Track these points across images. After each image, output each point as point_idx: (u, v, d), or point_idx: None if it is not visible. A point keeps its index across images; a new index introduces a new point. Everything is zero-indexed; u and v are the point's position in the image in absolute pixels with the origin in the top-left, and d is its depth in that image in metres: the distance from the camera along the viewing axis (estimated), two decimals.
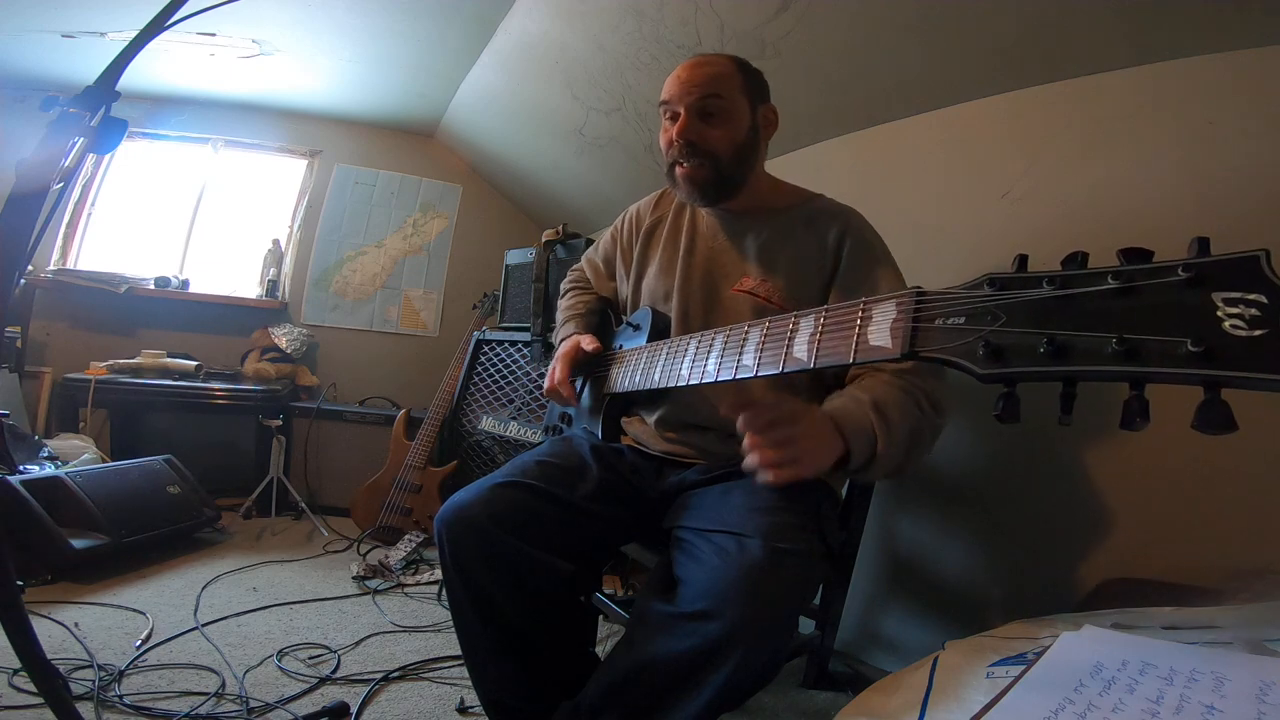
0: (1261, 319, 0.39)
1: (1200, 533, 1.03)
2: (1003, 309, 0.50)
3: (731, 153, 0.99)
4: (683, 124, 0.98)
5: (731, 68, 1.00)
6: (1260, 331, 0.39)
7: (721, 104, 0.98)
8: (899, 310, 0.58)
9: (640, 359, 1.00)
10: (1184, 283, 0.42)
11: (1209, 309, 0.41)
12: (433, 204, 3.31)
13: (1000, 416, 0.50)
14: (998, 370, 0.49)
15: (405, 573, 1.98)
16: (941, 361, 0.53)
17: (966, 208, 1.45)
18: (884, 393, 0.84)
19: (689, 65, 1.00)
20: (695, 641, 0.69)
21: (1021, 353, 0.48)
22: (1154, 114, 1.15)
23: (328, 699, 1.22)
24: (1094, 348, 0.45)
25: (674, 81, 1.00)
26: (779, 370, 0.70)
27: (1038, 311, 0.48)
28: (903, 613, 1.46)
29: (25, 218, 0.69)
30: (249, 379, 2.76)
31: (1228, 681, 0.48)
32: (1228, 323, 0.40)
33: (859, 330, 0.61)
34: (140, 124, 2.81)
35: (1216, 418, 0.41)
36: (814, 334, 0.67)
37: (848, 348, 0.62)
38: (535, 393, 2.24)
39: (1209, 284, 0.42)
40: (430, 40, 2.32)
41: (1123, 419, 0.44)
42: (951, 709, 0.54)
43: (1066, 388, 0.47)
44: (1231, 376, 0.40)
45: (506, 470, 0.99)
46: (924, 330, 0.55)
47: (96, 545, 1.72)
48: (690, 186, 1.01)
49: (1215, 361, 0.40)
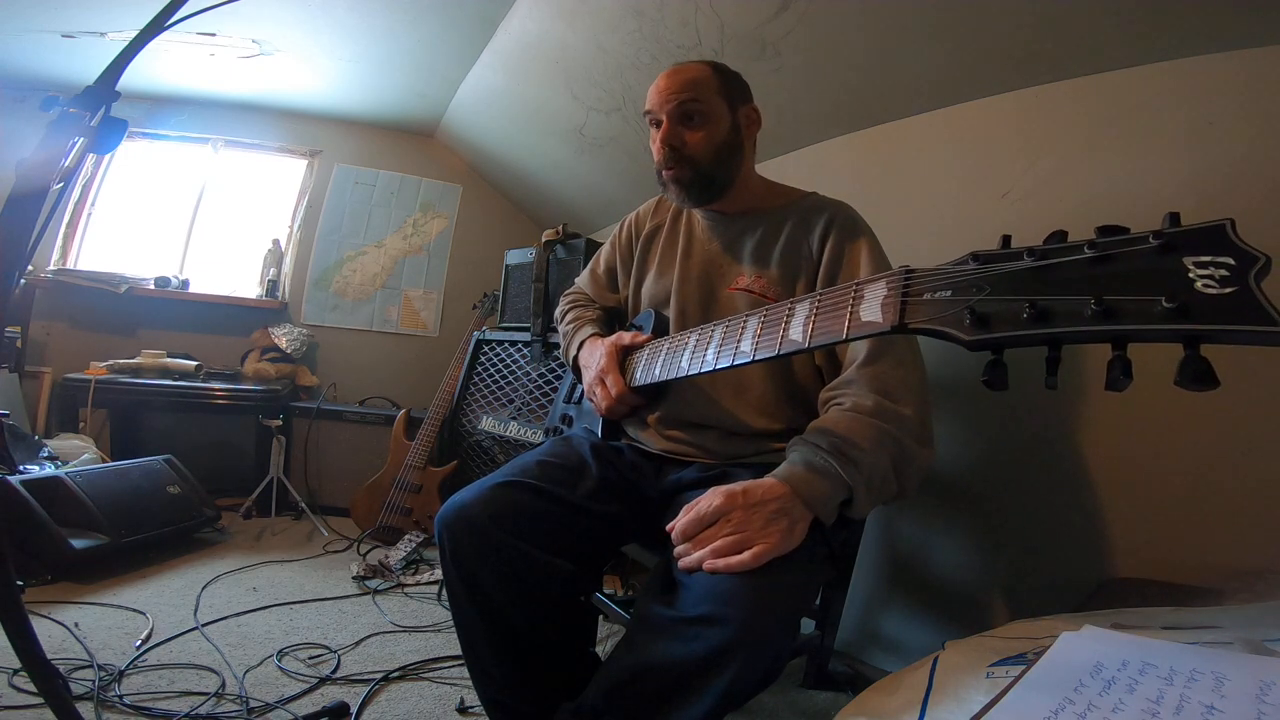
0: (1231, 278, 0.41)
1: (1200, 533, 1.03)
2: (987, 280, 0.52)
3: (712, 154, 1.01)
4: (665, 130, 1.00)
5: (707, 72, 1.03)
6: (1231, 289, 0.41)
7: (699, 107, 1.00)
8: (889, 288, 0.60)
9: (642, 356, 1.01)
10: (1156, 249, 0.45)
11: (1181, 271, 0.43)
12: (433, 204, 3.31)
13: (989, 383, 0.52)
14: (984, 337, 0.51)
15: (405, 573, 1.99)
16: (930, 332, 0.55)
17: (967, 207, 1.45)
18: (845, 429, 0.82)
19: (666, 75, 1.03)
20: (698, 646, 0.69)
21: (1006, 319, 0.50)
22: (1154, 114, 1.15)
23: (328, 699, 1.22)
24: (1074, 310, 0.47)
25: (654, 91, 1.03)
26: (775, 353, 0.71)
27: (1020, 281, 0.50)
28: (903, 613, 1.46)
29: (25, 218, 0.69)
30: (249, 379, 2.76)
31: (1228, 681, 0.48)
32: (1199, 283, 0.42)
33: (851, 309, 0.63)
34: (140, 124, 2.81)
35: (1197, 372, 0.42)
36: (809, 316, 0.68)
37: (841, 326, 0.63)
38: (535, 393, 2.24)
39: (1180, 250, 0.44)
40: (430, 40, 2.32)
41: (1107, 379, 0.46)
42: (951, 709, 0.54)
43: (1051, 351, 0.49)
44: (1207, 330, 0.42)
45: (507, 470, 0.99)
46: (913, 304, 0.57)
47: (96, 545, 1.72)
48: (678, 189, 1.03)
49: (1190, 317, 0.42)
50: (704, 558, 0.73)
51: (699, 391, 1.02)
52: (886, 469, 0.81)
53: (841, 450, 0.79)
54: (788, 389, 1.01)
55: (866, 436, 0.81)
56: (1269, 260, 0.41)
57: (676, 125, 1.00)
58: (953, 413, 1.36)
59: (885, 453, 0.81)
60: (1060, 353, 0.49)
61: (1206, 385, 0.42)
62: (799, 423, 0.94)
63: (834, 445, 0.79)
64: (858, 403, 0.84)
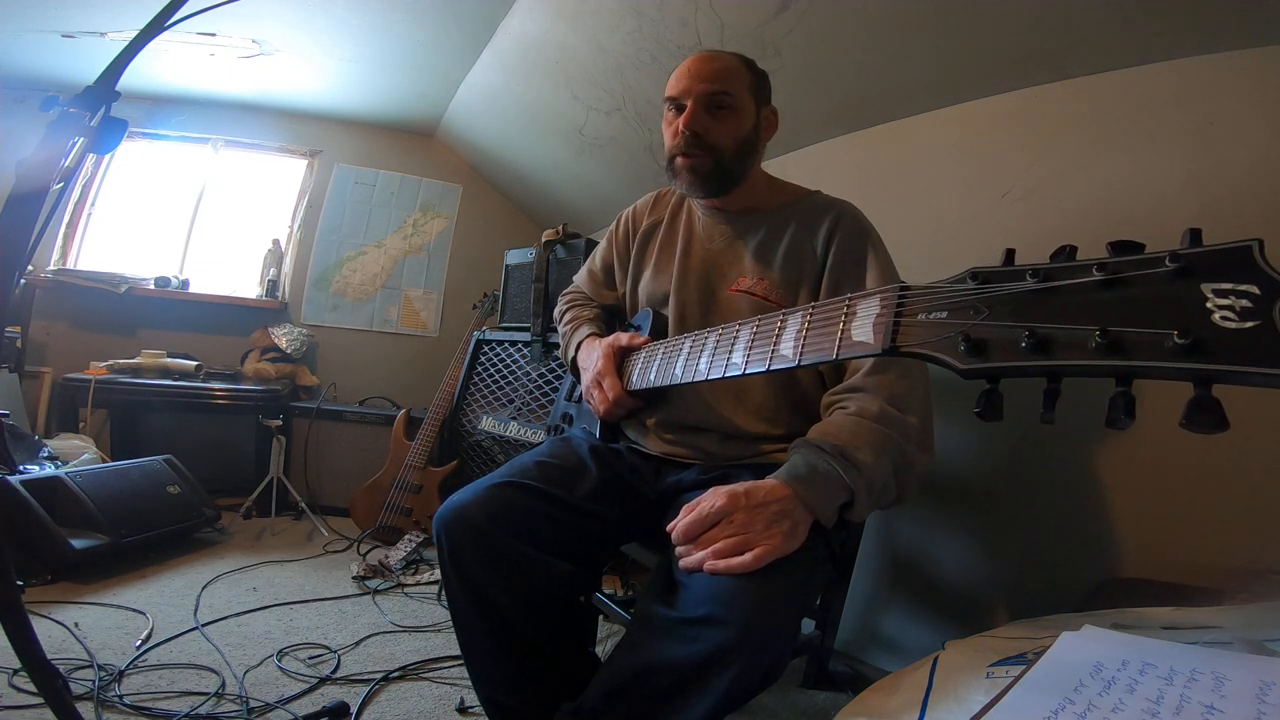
0: (1253, 310, 0.37)
1: (1200, 533, 1.03)
2: (985, 303, 0.49)
3: (735, 148, 0.99)
4: (689, 115, 0.97)
5: (741, 65, 1.01)
6: (1251, 324, 0.37)
7: (730, 100, 0.98)
8: (882, 306, 0.57)
9: (639, 359, 1.00)
10: (1172, 273, 0.41)
11: (1198, 301, 0.39)
12: (433, 204, 3.31)
13: (981, 414, 0.49)
14: (978, 365, 0.48)
15: (405, 573, 1.98)
16: (922, 357, 0.52)
17: (967, 207, 1.45)
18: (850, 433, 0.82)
19: (699, 59, 1.00)
20: (699, 647, 0.69)
21: (1003, 347, 0.47)
22: (1154, 114, 1.15)
23: (328, 699, 1.22)
24: (1076, 340, 0.43)
25: (683, 74, 0.99)
26: (765, 368, 0.70)
27: (1020, 304, 0.47)
28: (903, 613, 1.46)
29: (25, 218, 0.69)
30: (249, 379, 2.76)
31: (1228, 681, 0.47)
32: (1217, 314, 0.38)
33: (844, 326, 0.61)
34: (140, 124, 2.81)
35: (1206, 416, 0.39)
36: (800, 331, 0.66)
37: (832, 344, 0.61)
38: (535, 393, 2.24)
39: (1198, 275, 0.40)
40: (430, 40, 2.32)
41: (1108, 416, 0.43)
42: (951, 709, 0.54)
43: (1050, 383, 0.46)
44: (1220, 370, 0.38)
45: (505, 471, 0.98)
46: (905, 326, 0.54)
47: (96, 545, 1.72)
48: (691, 177, 1.00)
49: (1203, 355, 0.38)
50: (705, 558, 0.73)
51: (698, 397, 1.01)
52: (888, 474, 0.81)
53: (845, 454, 0.79)
54: (789, 396, 1.00)
55: (870, 441, 0.80)
56: None
57: (702, 112, 0.97)
58: (953, 413, 1.36)
59: (887, 458, 0.81)
60: (1060, 385, 0.46)
61: (1216, 429, 0.39)
62: (799, 428, 0.93)
63: (837, 448, 0.79)
64: (863, 408, 0.84)
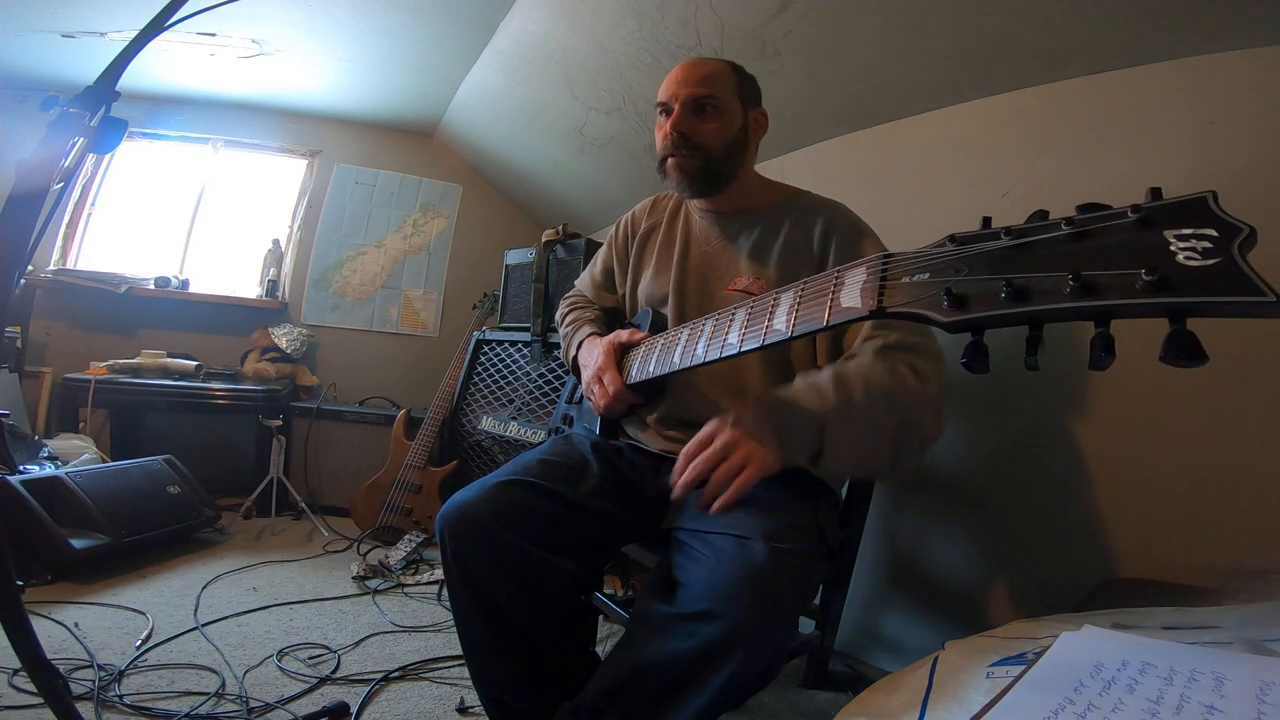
0: (1213, 250, 0.40)
1: (1200, 533, 1.03)
2: (964, 261, 0.52)
3: (722, 148, 1.01)
4: (676, 117, 1.01)
5: (726, 69, 1.04)
6: (1213, 260, 0.40)
7: (715, 102, 1.01)
8: (868, 272, 0.60)
9: (638, 354, 1.01)
10: (1135, 223, 0.44)
11: (1162, 245, 0.42)
12: (433, 204, 3.31)
13: (968, 365, 0.51)
14: (961, 318, 0.50)
15: (405, 573, 1.98)
16: (908, 315, 0.55)
17: (968, 207, 1.45)
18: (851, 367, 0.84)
19: (685, 65, 1.03)
20: (696, 642, 0.69)
21: (983, 298, 0.49)
22: (1156, 114, 1.15)
23: (328, 699, 1.22)
24: (1052, 287, 0.46)
25: (671, 80, 1.03)
26: (761, 344, 0.71)
27: (996, 260, 0.50)
28: (903, 613, 1.46)
29: (25, 218, 0.69)
30: (249, 379, 2.76)
31: (1228, 681, 0.48)
32: (1180, 255, 0.41)
33: (833, 296, 0.63)
34: (140, 124, 2.81)
35: (1182, 346, 0.41)
36: (793, 305, 0.69)
37: (822, 313, 0.64)
38: (535, 393, 2.24)
39: (1160, 224, 0.43)
40: (430, 40, 2.32)
41: (1090, 358, 0.45)
42: (951, 709, 0.54)
43: (1032, 330, 0.48)
44: (1189, 302, 0.40)
45: (508, 469, 0.99)
46: (890, 288, 0.57)
47: (96, 545, 1.72)
48: (680, 176, 1.03)
49: (1172, 289, 0.41)
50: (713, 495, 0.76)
51: (698, 393, 1.02)
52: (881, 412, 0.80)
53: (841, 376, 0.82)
54: (784, 373, 1.00)
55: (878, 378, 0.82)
56: (1253, 231, 0.40)
57: (689, 114, 1.01)
58: (953, 412, 1.36)
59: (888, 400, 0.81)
60: (1041, 332, 0.48)
61: (1194, 360, 0.41)
62: None
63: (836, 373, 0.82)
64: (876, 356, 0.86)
